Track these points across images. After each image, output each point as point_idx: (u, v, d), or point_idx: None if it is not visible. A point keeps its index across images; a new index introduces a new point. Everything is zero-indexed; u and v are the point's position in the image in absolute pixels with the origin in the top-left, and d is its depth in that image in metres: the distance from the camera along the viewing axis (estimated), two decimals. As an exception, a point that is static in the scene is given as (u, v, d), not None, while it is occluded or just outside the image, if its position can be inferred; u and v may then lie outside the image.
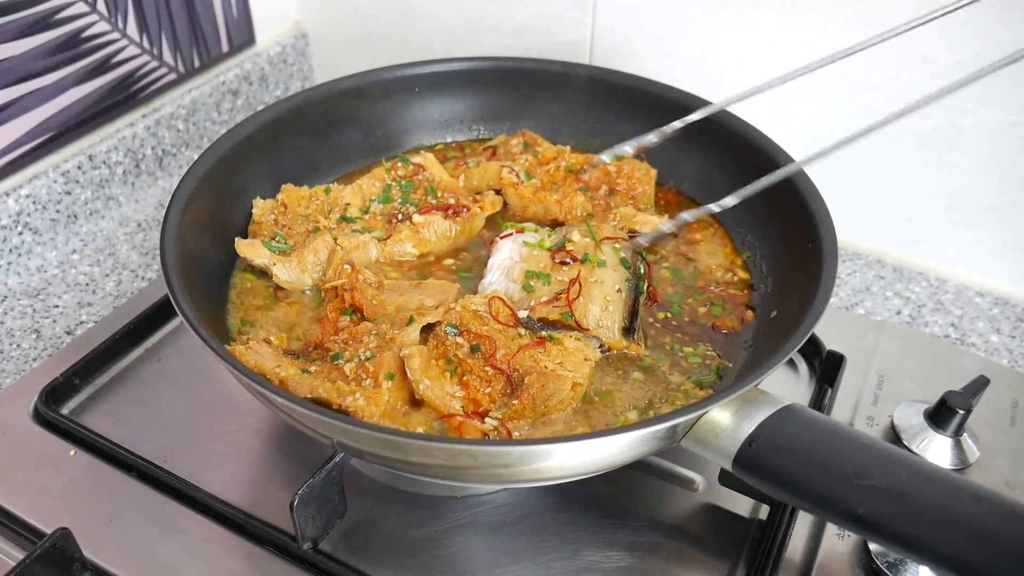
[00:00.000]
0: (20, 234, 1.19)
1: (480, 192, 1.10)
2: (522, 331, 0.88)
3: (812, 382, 1.06)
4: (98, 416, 0.98)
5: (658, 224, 1.01)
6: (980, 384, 0.95)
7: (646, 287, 0.96)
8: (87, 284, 1.20)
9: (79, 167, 1.25)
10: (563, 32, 1.35)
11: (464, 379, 0.83)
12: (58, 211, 1.24)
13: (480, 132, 1.24)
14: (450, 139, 1.23)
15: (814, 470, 0.69)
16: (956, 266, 1.25)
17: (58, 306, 1.16)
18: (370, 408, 0.79)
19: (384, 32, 1.51)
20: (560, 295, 0.91)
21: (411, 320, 0.89)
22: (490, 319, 0.88)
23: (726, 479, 0.87)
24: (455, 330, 0.87)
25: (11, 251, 1.19)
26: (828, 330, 1.07)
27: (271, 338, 0.90)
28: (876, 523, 0.66)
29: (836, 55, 0.86)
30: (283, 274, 0.97)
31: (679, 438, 0.74)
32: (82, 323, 1.13)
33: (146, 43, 1.32)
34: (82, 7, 1.20)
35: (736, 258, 1.04)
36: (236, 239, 0.98)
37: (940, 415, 0.94)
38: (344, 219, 1.03)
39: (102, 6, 1.23)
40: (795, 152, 0.99)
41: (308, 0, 1.57)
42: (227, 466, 0.93)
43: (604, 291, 0.92)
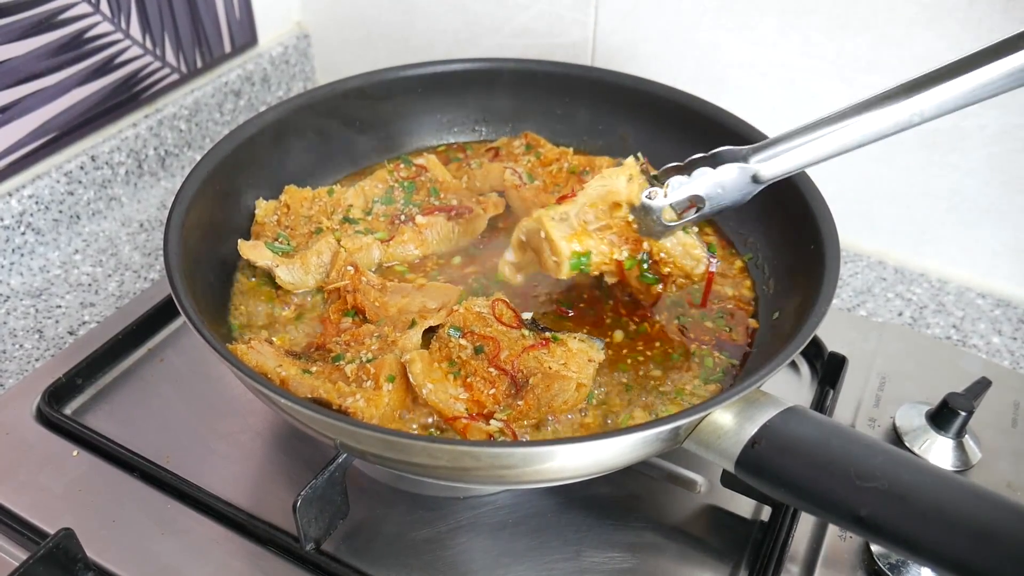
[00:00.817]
0: (23, 234, 1.20)
1: (483, 193, 1.11)
2: (526, 332, 0.88)
3: (814, 384, 1.06)
4: (101, 416, 0.98)
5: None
6: (982, 386, 0.95)
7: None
8: (89, 284, 1.20)
9: (82, 167, 1.25)
10: (565, 33, 1.35)
11: (468, 381, 0.83)
12: (61, 211, 1.24)
13: (482, 133, 1.24)
14: (452, 140, 1.23)
15: (816, 472, 0.69)
16: (958, 267, 1.25)
17: (61, 306, 1.16)
18: (370, 409, 0.79)
19: (386, 33, 1.51)
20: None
21: (413, 323, 0.89)
22: (493, 321, 0.88)
23: (728, 480, 0.87)
24: (458, 332, 0.87)
25: (14, 251, 1.19)
26: (830, 332, 1.07)
27: (273, 338, 0.90)
28: (878, 524, 0.66)
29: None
30: (286, 275, 0.97)
31: (682, 440, 0.74)
32: (85, 323, 1.14)
33: (149, 44, 1.32)
34: (85, 8, 1.20)
35: (737, 261, 1.04)
36: (239, 241, 0.98)
37: (942, 417, 0.94)
38: (347, 220, 1.03)
39: (105, 7, 1.23)
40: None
41: (310, 1, 1.57)
42: (229, 466, 0.93)
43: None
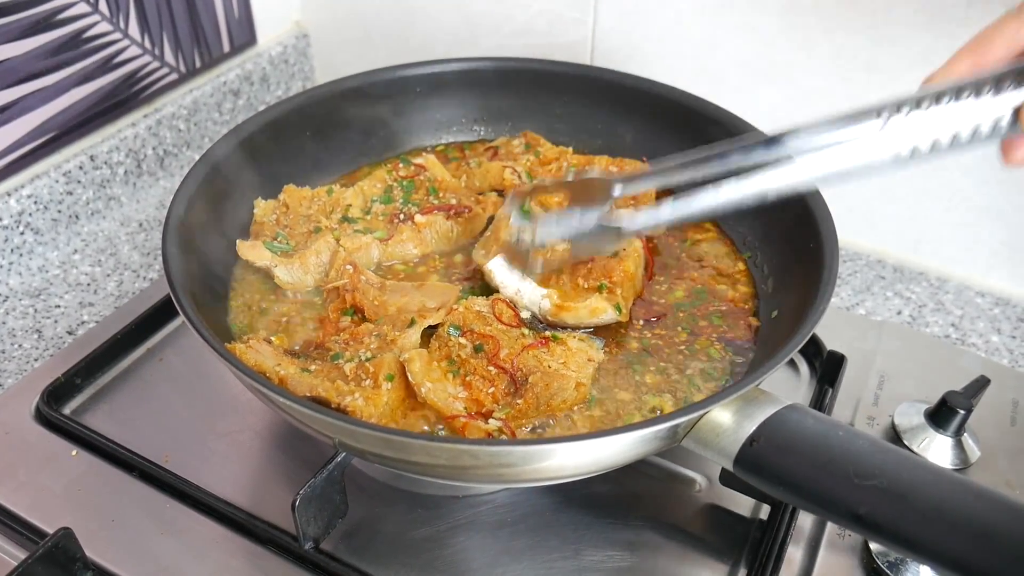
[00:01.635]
0: (22, 234, 1.20)
1: (482, 193, 1.11)
2: (525, 331, 0.88)
3: (813, 382, 1.06)
4: (100, 416, 0.98)
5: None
6: (980, 384, 0.95)
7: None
8: (88, 284, 1.20)
9: (80, 167, 1.25)
10: (564, 32, 1.35)
11: (467, 379, 0.83)
12: (59, 211, 1.24)
13: (481, 133, 1.24)
14: (451, 140, 1.23)
15: (815, 470, 0.69)
16: (956, 266, 1.25)
17: (60, 306, 1.16)
18: (369, 408, 0.79)
19: (385, 32, 1.51)
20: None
21: (412, 322, 0.89)
22: (493, 319, 0.88)
23: (727, 479, 0.87)
24: (458, 331, 0.87)
25: (12, 251, 1.19)
26: (829, 330, 1.07)
27: (272, 338, 0.90)
28: (877, 523, 0.66)
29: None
30: (284, 276, 0.97)
31: (680, 438, 0.74)
32: (83, 323, 1.14)
33: (147, 43, 1.32)
34: (84, 7, 1.20)
35: (737, 260, 1.04)
36: (238, 241, 0.98)
37: (941, 415, 0.94)
38: (346, 219, 1.03)
39: (104, 6, 1.23)
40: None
41: (309, 0, 1.57)
42: (229, 466, 0.93)
43: None
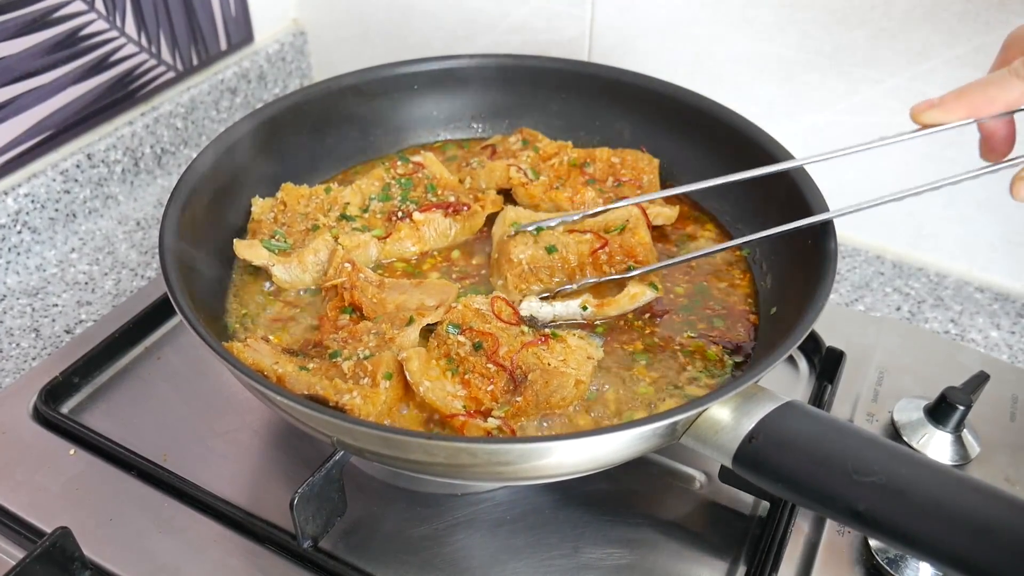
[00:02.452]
0: (19, 233, 1.19)
1: (484, 192, 1.10)
2: (525, 329, 0.88)
3: (812, 379, 1.06)
4: (97, 415, 0.98)
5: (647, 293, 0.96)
6: (980, 380, 0.95)
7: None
8: (86, 283, 1.20)
9: (78, 166, 1.25)
10: (562, 29, 1.35)
11: (466, 377, 0.83)
12: (57, 210, 1.24)
13: (479, 130, 1.24)
14: (449, 137, 1.23)
15: (814, 467, 0.69)
16: (956, 261, 1.24)
17: (57, 305, 1.16)
18: (367, 407, 0.79)
19: (382, 29, 1.51)
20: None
21: (411, 320, 0.89)
22: (492, 317, 0.88)
23: (726, 476, 0.87)
24: (457, 329, 0.87)
25: (10, 250, 1.19)
26: (828, 326, 1.07)
27: (269, 336, 0.90)
28: (876, 519, 0.66)
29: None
30: (282, 274, 0.96)
31: (679, 435, 0.74)
32: (81, 322, 1.13)
33: (144, 41, 1.31)
34: (80, 5, 1.20)
35: (736, 257, 1.04)
36: (235, 241, 0.98)
37: (940, 411, 0.94)
38: (344, 217, 1.02)
39: (100, 4, 1.23)
40: (794, 148, 0.99)
41: (306, -2, 1.57)
42: (227, 464, 0.93)
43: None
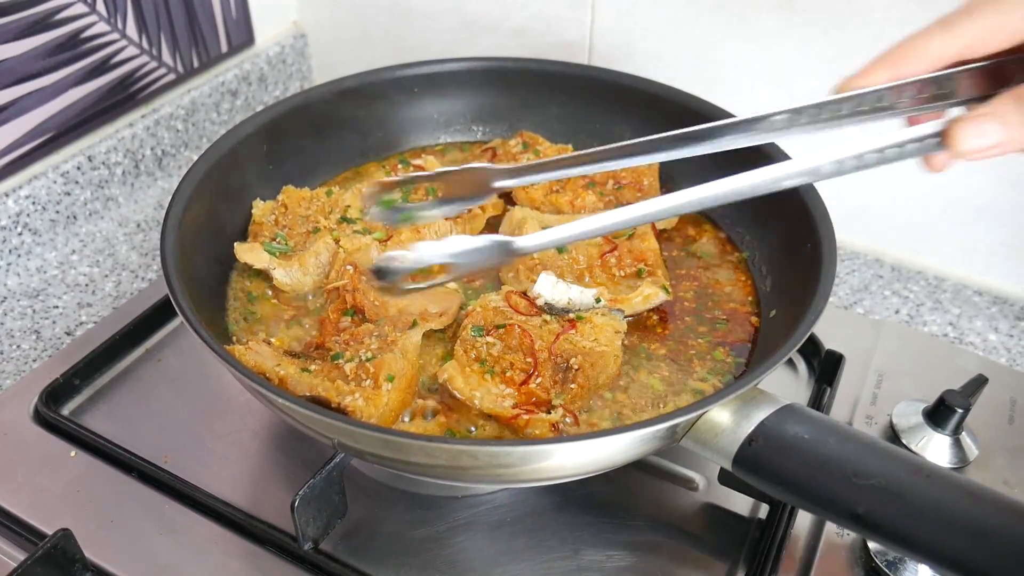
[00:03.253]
0: (20, 235, 1.19)
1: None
2: (547, 317, 0.89)
3: (811, 381, 1.06)
4: (98, 417, 0.98)
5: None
6: (978, 383, 0.95)
7: None
8: (87, 285, 1.20)
9: (78, 168, 1.25)
10: (562, 32, 1.35)
11: (506, 376, 0.83)
12: (57, 212, 1.24)
13: (479, 133, 1.24)
14: (449, 140, 1.23)
15: (813, 469, 0.69)
16: (954, 265, 1.25)
17: (58, 307, 1.16)
18: (369, 409, 0.79)
19: (383, 32, 1.51)
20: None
21: (415, 324, 0.89)
22: (512, 312, 0.89)
23: (726, 478, 0.88)
24: (480, 331, 0.87)
25: (11, 252, 1.19)
26: (827, 329, 1.07)
27: (271, 339, 0.90)
28: (875, 522, 0.66)
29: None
30: (283, 278, 0.97)
31: (679, 438, 0.75)
32: (82, 324, 1.13)
33: (145, 43, 1.32)
34: (81, 8, 1.20)
35: (735, 260, 1.04)
36: (236, 244, 0.98)
37: (939, 414, 0.94)
38: (345, 220, 1.03)
39: (101, 7, 1.23)
40: (793, 152, 0.99)
41: (307, 0, 1.57)
42: (228, 466, 0.93)
43: None
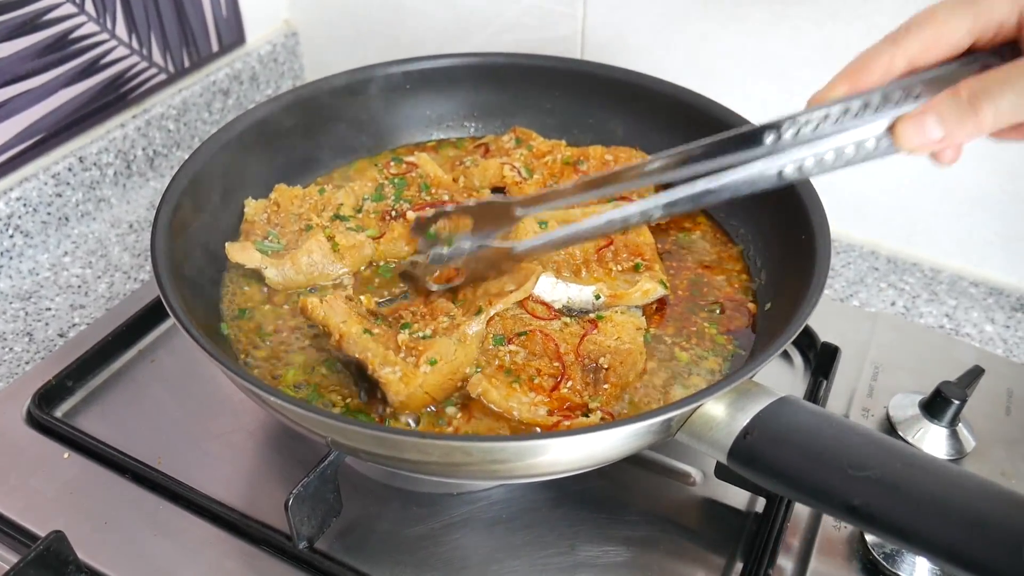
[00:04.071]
0: (11, 237, 1.19)
1: (479, 191, 1.10)
2: (566, 319, 0.88)
3: (807, 374, 1.06)
4: (92, 418, 0.98)
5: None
6: (975, 374, 0.95)
7: None
8: (79, 286, 1.19)
9: (70, 169, 1.25)
10: (554, 27, 1.35)
11: (535, 383, 0.82)
12: (49, 213, 1.23)
13: (472, 129, 1.23)
14: (442, 136, 1.23)
15: (809, 462, 0.69)
16: (950, 257, 1.25)
17: (50, 308, 1.15)
18: (400, 384, 0.78)
19: (375, 29, 1.51)
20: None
21: (479, 311, 0.87)
22: (530, 318, 0.88)
23: (722, 472, 0.87)
24: (501, 340, 0.86)
25: (2, 254, 1.18)
26: (823, 322, 1.07)
27: (361, 297, 0.89)
28: (872, 514, 0.66)
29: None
30: (275, 276, 0.96)
31: (674, 432, 0.74)
32: (75, 325, 1.13)
33: (135, 43, 1.31)
34: (70, 8, 1.20)
35: (731, 253, 1.04)
36: (227, 244, 0.97)
37: (935, 405, 0.94)
38: (337, 217, 1.02)
39: (90, 7, 1.22)
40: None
41: (298, -2, 1.56)
42: (222, 466, 0.92)
43: None
